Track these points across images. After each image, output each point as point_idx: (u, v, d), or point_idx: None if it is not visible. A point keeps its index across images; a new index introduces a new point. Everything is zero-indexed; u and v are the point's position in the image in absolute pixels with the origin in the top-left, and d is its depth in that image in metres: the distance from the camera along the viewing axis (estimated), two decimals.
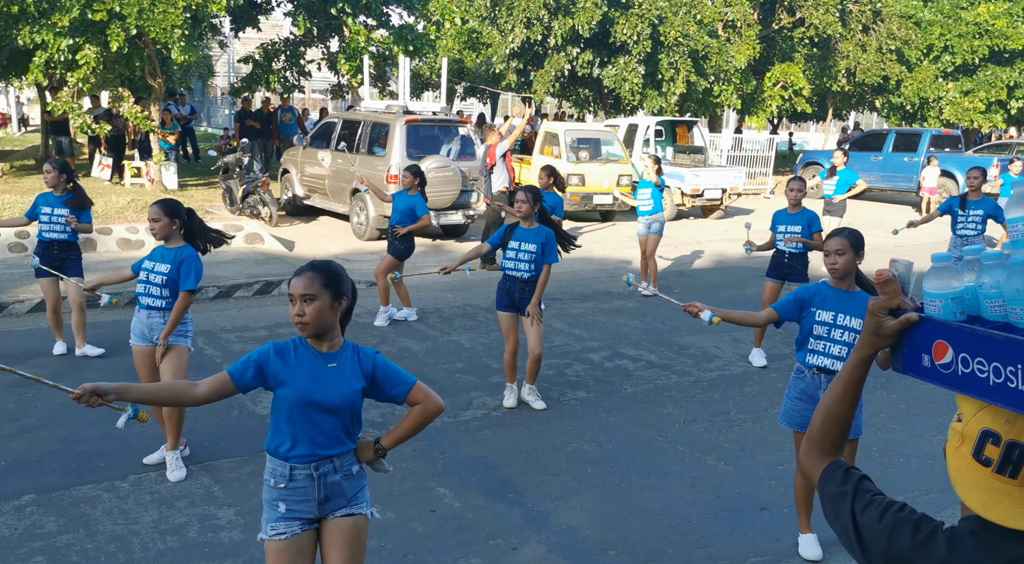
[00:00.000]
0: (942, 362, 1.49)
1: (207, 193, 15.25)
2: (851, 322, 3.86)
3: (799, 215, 7.18)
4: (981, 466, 1.42)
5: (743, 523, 4.45)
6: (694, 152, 17.79)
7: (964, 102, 24.44)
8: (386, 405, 5.70)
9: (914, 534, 1.46)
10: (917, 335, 1.54)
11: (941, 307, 1.51)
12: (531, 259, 5.85)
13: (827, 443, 1.68)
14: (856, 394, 1.65)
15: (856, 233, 3.99)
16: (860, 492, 1.57)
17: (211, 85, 35.10)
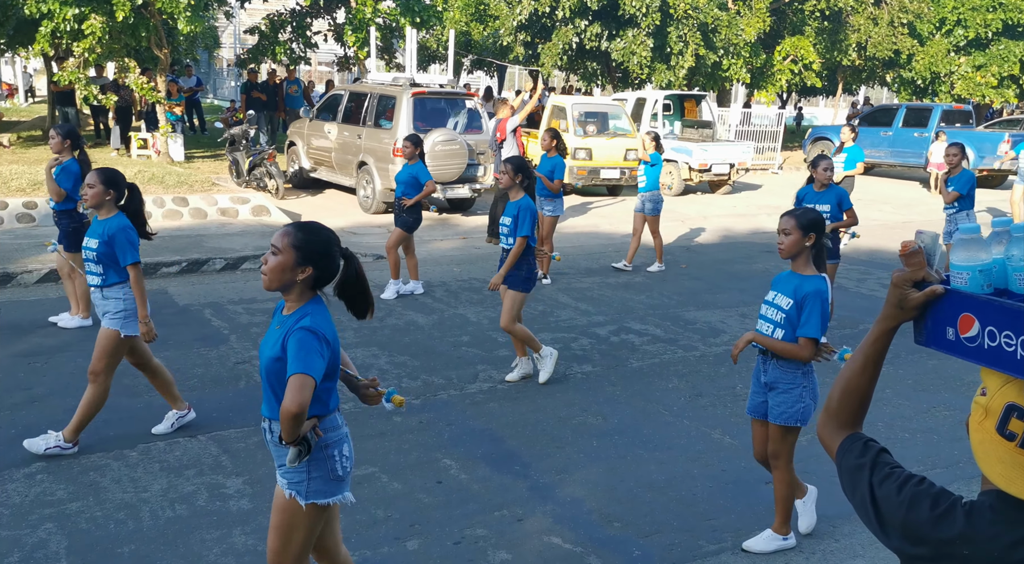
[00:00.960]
0: (968, 335, 1.48)
1: (214, 165, 15.23)
2: (780, 301, 3.79)
3: (827, 193, 7.05)
4: (1005, 440, 1.41)
5: (747, 496, 4.47)
6: (702, 127, 17.67)
7: (976, 77, 24.17)
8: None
9: (932, 507, 1.45)
10: (942, 308, 1.52)
11: (968, 279, 1.49)
12: (507, 232, 5.85)
13: (845, 415, 1.67)
14: (876, 367, 1.63)
15: (810, 214, 3.84)
16: (879, 465, 1.56)
17: (217, 56, 34.95)
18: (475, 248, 10.79)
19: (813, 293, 3.72)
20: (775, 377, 3.81)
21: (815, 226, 3.79)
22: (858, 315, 8.10)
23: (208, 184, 12.40)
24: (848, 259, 10.78)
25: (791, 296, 3.74)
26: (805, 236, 3.77)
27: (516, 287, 5.87)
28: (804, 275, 3.81)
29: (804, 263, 3.83)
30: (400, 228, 8.29)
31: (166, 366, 6.01)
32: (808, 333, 3.68)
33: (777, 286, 3.88)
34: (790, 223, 3.78)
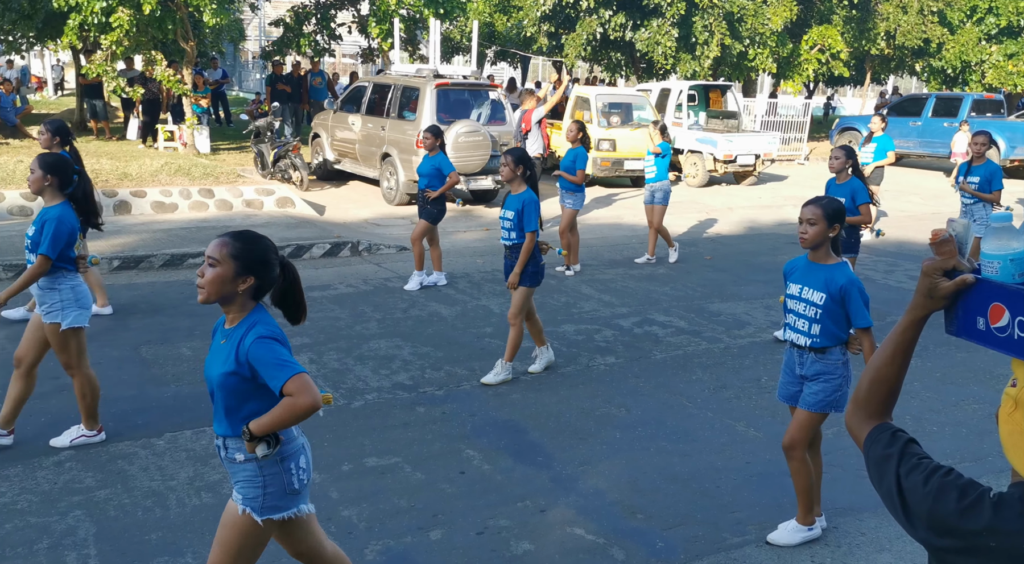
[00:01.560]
0: (998, 325, 1.45)
1: (239, 157, 15.33)
2: (812, 296, 3.72)
3: (844, 186, 6.87)
4: None
5: (772, 489, 4.44)
6: (727, 117, 17.50)
7: (1008, 65, 23.74)
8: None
9: (960, 498, 1.43)
10: (972, 297, 1.50)
11: (999, 269, 1.46)
12: (510, 227, 5.75)
13: (874, 405, 1.65)
14: (906, 357, 1.61)
15: (835, 203, 3.76)
16: (906, 455, 1.54)
17: (242, 49, 35.14)
18: (498, 240, 10.77)
19: (848, 284, 3.67)
20: (817, 370, 3.76)
21: (840, 216, 3.72)
22: (886, 307, 8.00)
23: (234, 176, 12.48)
24: (876, 251, 10.66)
25: (823, 289, 3.68)
26: (830, 226, 3.70)
27: (523, 282, 5.77)
28: (829, 266, 3.74)
29: (826, 253, 3.76)
30: (425, 220, 8.30)
31: (193, 356, 6.10)
32: (863, 323, 3.69)
33: (800, 279, 3.78)
34: (816, 212, 3.69)
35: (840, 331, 3.75)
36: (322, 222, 10.98)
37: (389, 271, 8.95)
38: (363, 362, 6.15)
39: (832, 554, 3.86)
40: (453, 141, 11.80)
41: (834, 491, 4.42)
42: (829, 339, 3.73)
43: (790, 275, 3.89)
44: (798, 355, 3.83)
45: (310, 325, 6.95)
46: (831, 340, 3.73)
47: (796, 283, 3.80)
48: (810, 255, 3.79)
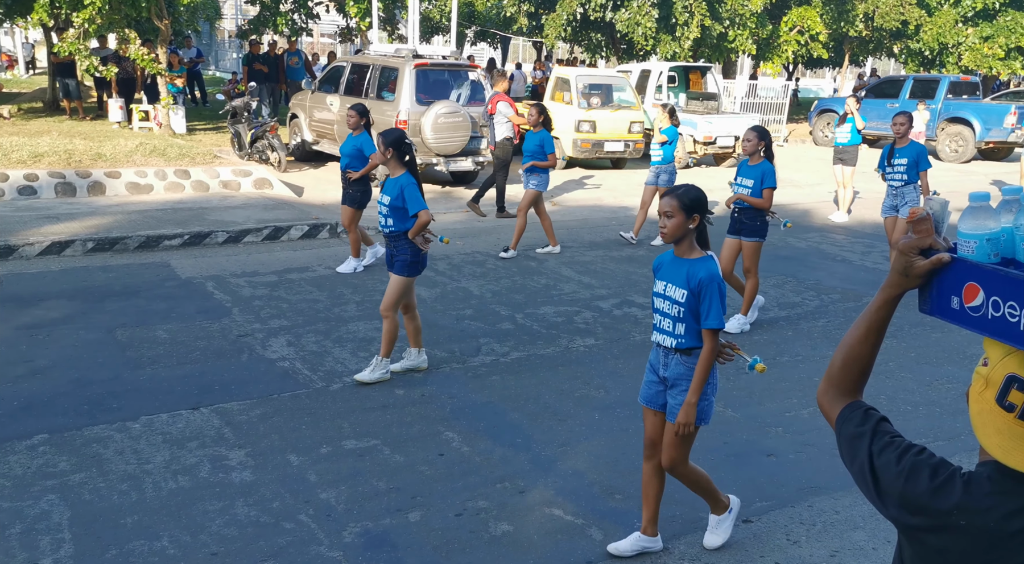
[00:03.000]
0: (972, 305, 1.45)
1: (216, 137, 15.15)
2: (675, 293, 3.47)
3: (756, 168, 6.46)
4: (1004, 411, 1.39)
5: (749, 469, 4.47)
6: (707, 98, 17.52)
7: (984, 48, 23.89)
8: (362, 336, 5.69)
9: (931, 477, 1.44)
10: (947, 276, 1.50)
11: (975, 248, 1.46)
12: (387, 213, 5.34)
13: (847, 383, 1.65)
14: (879, 336, 1.61)
15: (693, 192, 3.48)
16: (878, 434, 1.54)
17: (219, 28, 34.67)
18: (477, 221, 10.75)
19: (707, 278, 3.41)
20: (678, 374, 3.50)
21: (699, 206, 3.47)
22: (863, 288, 8.07)
23: (210, 157, 12.34)
24: (853, 232, 10.73)
25: (684, 286, 3.44)
26: (689, 218, 3.44)
27: (400, 272, 5.38)
28: (693, 260, 3.48)
29: (689, 246, 3.51)
30: (348, 205, 7.97)
31: (169, 339, 6.05)
32: (712, 324, 3.39)
33: (665, 275, 3.54)
34: (672, 204, 3.44)
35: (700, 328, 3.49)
36: (300, 204, 10.89)
37: (368, 253, 8.89)
38: (342, 344, 6.12)
39: (807, 533, 3.90)
40: (433, 122, 11.73)
41: (809, 470, 4.46)
42: (695, 339, 3.46)
43: (657, 271, 3.63)
44: (663, 355, 3.56)
45: (288, 308, 6.91)
46: (697, 340, 3.46)
47: (661, 280, 3.56)
48: (675, 250, 3.55)
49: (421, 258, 5.46)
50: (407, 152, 5.40)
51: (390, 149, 5.32)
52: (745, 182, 6.51)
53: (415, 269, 5.46)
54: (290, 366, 5.69)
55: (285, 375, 5.54)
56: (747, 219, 6.58)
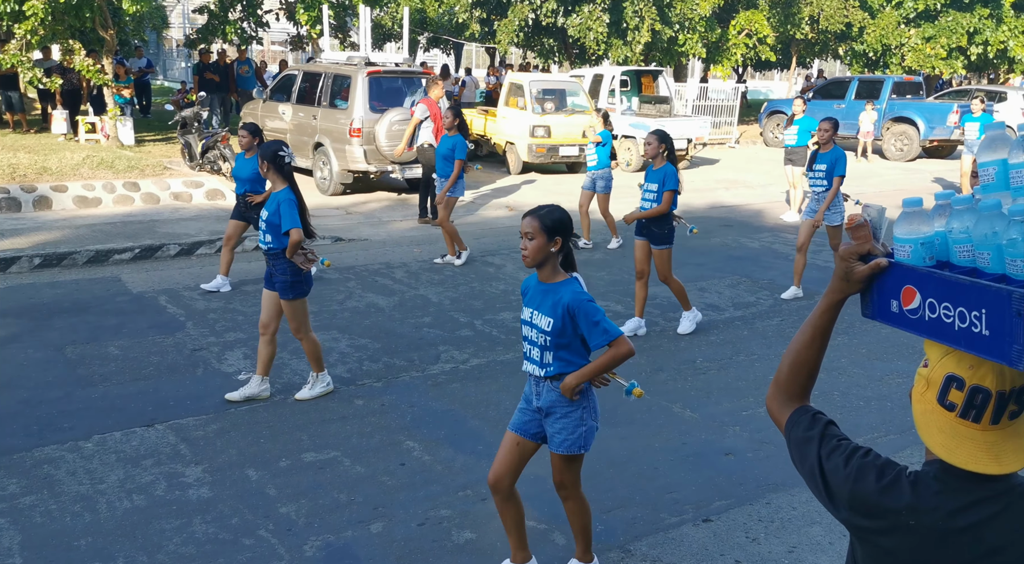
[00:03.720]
0: (910, 307, 1.49)
1: (165, 148, 14.91)
2: (540, 321, 3.23)
3: (659, 171, 6.38)
4: (945, 411, 1.43)
5: (708, 468, 4.53)
6: (659, 102, 17.70)
7: (926, 48, 24.53)
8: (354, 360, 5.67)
9: (879, 478, 1.48)
10: (886, 280, 1.54)
11: (911, 252, 1.50)
12: (265, 229, 5.09)
13: (795, 387, 1.68)
14: (824, 339, 1.65)
15: (556, 213, 3.20)
16: (826, 437, 1.58)
17: (166, 37, 34.13)
18: (434, 228, 10.72)
19: (573, 302, 3.16)
20: (551, 400, 3.28)
21: (562, 228, 3.20)
22: (814, 286, 8.21)
23: (160, 168, 12.13)
24: None
25: (550, 313, 3.20)
26: (550, 240, 3.18)
27: (283, 294, 5.10)
28: (556, 284, 3.24)
29: (552, 271, 3.25)
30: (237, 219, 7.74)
31: (121, 355, 5.94)
32: (601, 340, 3.16)
33: (531, 301, 3.30)
34: (533, 225, 3.17)
35: (577, 357, 3.25)
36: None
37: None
38: (299, 356, 6.05)
39: (766, 529, 3.96)
40: (387, 129, 11.69)
41: (767, 468, 4.53)
42: (564, 366, 3.24)
43: (524, 296, 3.38)
44: (535, 384, 3.35)
45: (244, 320, 6.82)
46: (567, 367, 3.24)
47: (528, 306, 3.32)
48: (538, 274, 3.30)
49: (303, 277, 5.14)
50: (283, 164, 5.11)
51: (266, 163, 5.09)
52: (650, 186, 6.41)
53: (298, 290, 5.13)
54: (247, 379, 5.61)
55: None
56: (655, 226, 6.46)
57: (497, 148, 16.12)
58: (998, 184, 1.49)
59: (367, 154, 11.89)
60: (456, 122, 8.78)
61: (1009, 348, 1.31)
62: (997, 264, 1.41)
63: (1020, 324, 1.30)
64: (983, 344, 1.36)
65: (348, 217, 11.20)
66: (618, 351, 3.18)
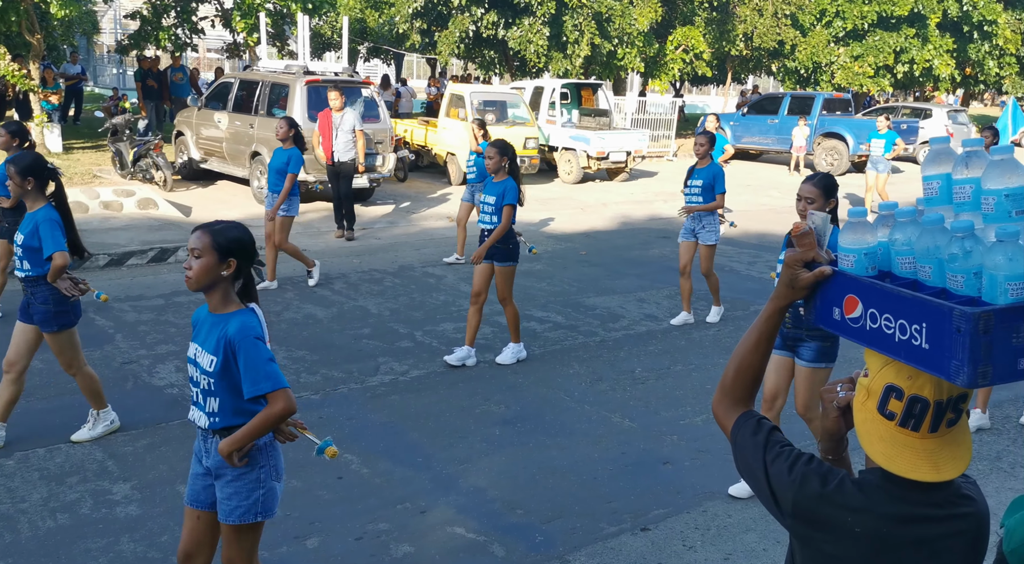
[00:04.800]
0: (852, 316, 1.51)
1: (95, 156, 14.50)
2: (203, 359, 2.73)
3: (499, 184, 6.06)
4: (885, 420, 1.46)
5: (646, 477, 4.56)
6: (599, 115, 17.90)
7: (854, 66, 25.34)
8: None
9: (823, 485, 1.50)
10: (830, 288, 1.56)
11: (854, 262, 1.52)
12: (21, 254, 4.49)
13: (740, 392, 1.70)
14: (769, 344, 1.67)
15: (233, 231, 2.76)
16: (771, 443, 1.59)
17: (97, 42, 33.23)
18: (375, 239, 10.65)
19: (237, 335, 2.67)
20: (220, 461, 2.75)
21: (239, 249, 2.75)
22: (749, 297, 8.37)
23: (89, 176, 11.80)
24: (737, 243, 11.14)
25: (214, 350, 2.70)
26: (222, 262, 2.70)
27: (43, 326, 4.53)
28: (226, 315, 2.74)
29: (223, 299, 2.76)
30: None
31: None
32: (256, 390, 2.63)
33: (198, 336, 2.81)
34: (202, 241, 2.70)
35: (249, 404, 2.71)
36: (188, 224, 10.52)
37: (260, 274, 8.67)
38: None
39: (702, 537, 4.00)
40: None
41: (703, 476, 4.58)
42: (236, 416, 2.73)
43: (194, 328, 2.87)
44: (203, 438, 2.84)
45: (176, 332, 6.65)
46: (237, 417, 2.72)
47: (194, 342, 2.81)
48: (209, 305, 2.80)
49: (69, 307, 4.51)
50: (50, 179, 4.46)
51: (30, 179, 4.32)
52: (488, 199, 6.11)
53: (63, 320, 4.52)
54: (179, 393, 5.48)
55: (174, 402, 5.33)
56: (498, 243, 6.04)
57: (438, 159, 16.09)
58: (942, 198, 1.52)
59: (305, 164, 11.71)
60: (291, 133, 8.07)
61: (948, 363, 1.34)
62: (938, 278, 1.44)
63: (960, 340, 1.32)
64: (923, 357, 1.38)
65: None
66: (271, 411, 2.63)
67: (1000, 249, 1.35)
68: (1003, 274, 1.34)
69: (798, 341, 4.13)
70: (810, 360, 4.10)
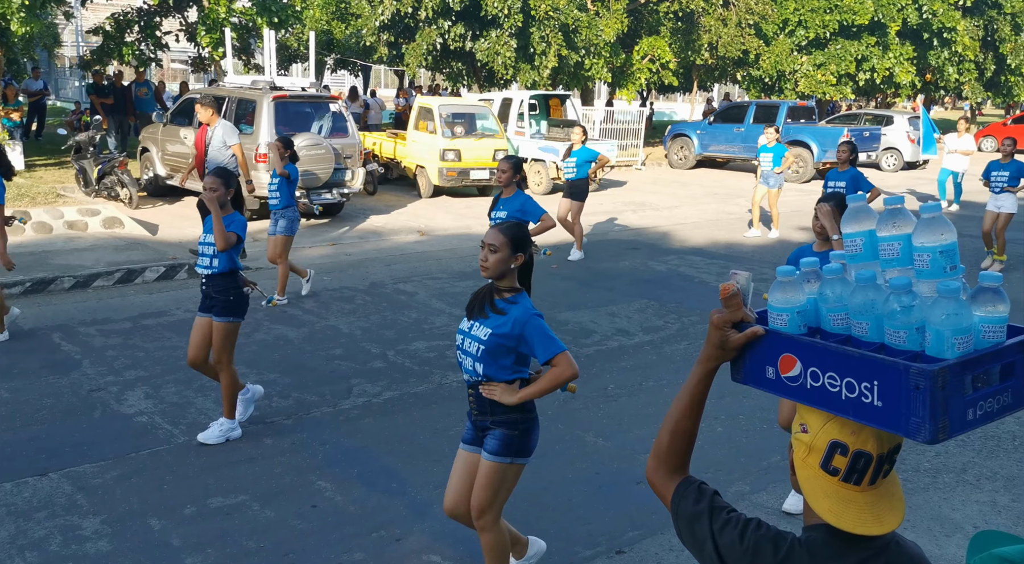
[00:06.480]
0: (790, 375, 1.51)
1: (59, 174, 14.29)
2: None
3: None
4: (829, 476, 1.47)
5: (620, 498, 4.59)
6: (567, 126, 17.98)
7: (817, 75, 25.74)
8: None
9: (775, 552, 1.51)
10: (761, 347, 1.55)
11: (788, 321, 1.53)
12: None
13: (676, 459, 1.68)
14: (701, 407, 1.66)
15: None
16: (716, 510, 1.59)
17: (59, 55, 32.80)
18: (346, 255, 10.60)
19: None
20: None
21: None
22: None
23: (53, 195, 11.63)
24: (706, 253, 11.25)
25: None
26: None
27: None
28: None
29: None
30: None
31: (11, 399, 5.63)
32: None
33: None
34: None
35: None
36: (155, 243, 10.41)
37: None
38: (205, 394, 5.87)
39: (677, 559, 4.02)
40: None
41: None
42: None
43: None
44: None
45: (145, 356, 6.58)
46: None
47: None
48: None
49: None
50: None
51: None
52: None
53: None
54: (149, 421, 5.41)
55: (143, 431, 5.26)
56: (217, 293, 5.01)
57: (407, 172, 16.08)
58: (866, 254, 1.55)
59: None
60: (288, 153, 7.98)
61: (907, 421, 1.35)
62: (875, 333, 1.46)
63: (919, 397, 1.33)
64: (876, 414, 1.39)
65: (254, 244, 10.94)
66: None
67: (944, 305, 1.39)
68: (950, 329, 1.37)
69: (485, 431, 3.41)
70: (493, 452, 3.34)
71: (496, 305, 3.34)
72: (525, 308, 3.29)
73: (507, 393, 3.25)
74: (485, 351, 3.26)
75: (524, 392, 3.24)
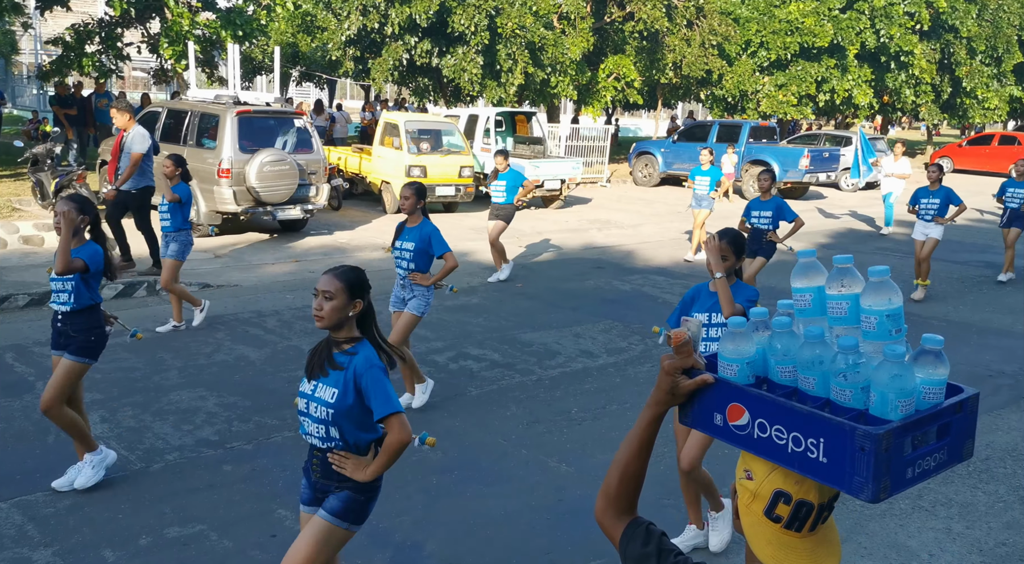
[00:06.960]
0: (737, 423, 1.53)
1: (14, 187, 14.00)
2: None
3: None
4: (771, 523, 1.51)
5: (584, 525, 4.58)
6: (533, 143, 18.08)
7: (779, 95, 26.19)
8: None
9: None
10: (710, 395, 1.58)
11: (737, 371, 1.56)
12: None
13: (624, 501, 1.70)
14: (650, 449, 1.68)
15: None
16: (664, 552, 1.61)
17: (15, 62, 32.20)
18: (309, 272, 10.50)
19: None
20: None
21: None
22: None
23: (8, 209, 11.39)
24: (669, 273, 11.35)
25: None
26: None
27: None
28: None
29: None
30: None
31: None
32: None
33: None
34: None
35: None
36: (114, 258, 10.21)
37: (190, 311, 8.46)
38: (163, 417, 5.77)
39: None
40: (257, 170, 11.41)
41: None
42: None
43: None
44: None
45: (101, 378, 6.44)
46: None
47: None
48: None
49: None
50: None
51: None
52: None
53: None
54: (104, 446, 5.29)
55: None
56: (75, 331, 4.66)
57: (373, 187, 16.03)
58: (814, 310, 1.58)
59: (236, 195, 11.56)
60: (179, 171, 7.73)
61: (851, 479, 1.38)
62: (822, 389, 1.49)
63: (864, 459, 1.36)
64: (820, 470, 1.42)
65: (216, 260, 10.82)
66: None
67: (889, 368, 1.42)
68: (894, 392, 1.41)
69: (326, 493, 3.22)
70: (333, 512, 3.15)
71: (335, 360, 3.08)
72: (366, 356, 3.05)
73: (358, 469, 3.06)
74: (335, 414, 3.02)
75: (372, 469, 3.05)
